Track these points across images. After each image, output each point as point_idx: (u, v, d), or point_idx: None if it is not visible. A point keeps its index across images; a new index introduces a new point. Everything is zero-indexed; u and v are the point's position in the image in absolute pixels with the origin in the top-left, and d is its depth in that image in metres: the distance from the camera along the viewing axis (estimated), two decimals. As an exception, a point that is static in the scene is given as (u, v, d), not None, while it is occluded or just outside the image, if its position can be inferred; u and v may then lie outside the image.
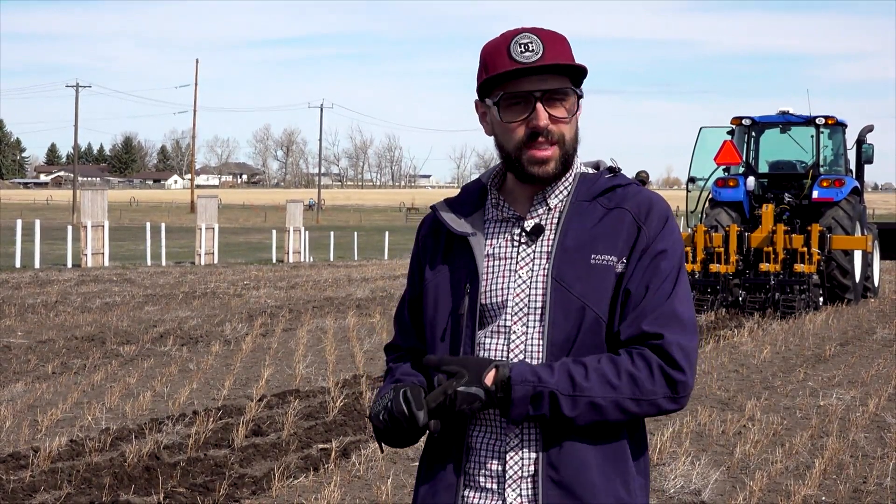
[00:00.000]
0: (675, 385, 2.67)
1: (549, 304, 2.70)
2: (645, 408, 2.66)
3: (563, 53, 2.73)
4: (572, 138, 2.77)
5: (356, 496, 7.40)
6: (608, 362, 2.66)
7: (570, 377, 2.63)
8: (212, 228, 39.86)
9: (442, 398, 2.63)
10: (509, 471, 2.73)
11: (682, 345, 2.68)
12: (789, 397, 11.51)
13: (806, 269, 20.39)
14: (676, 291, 2.71)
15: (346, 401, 10.47)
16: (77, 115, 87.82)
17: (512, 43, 2.72)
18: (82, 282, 25.94)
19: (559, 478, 2.68)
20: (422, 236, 2.93)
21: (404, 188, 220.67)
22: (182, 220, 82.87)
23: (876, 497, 7.66)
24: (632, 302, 2.70)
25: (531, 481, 2.71)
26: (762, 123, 22.89)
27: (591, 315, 2.69)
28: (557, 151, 2.74)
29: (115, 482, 7.55)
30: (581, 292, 2.70)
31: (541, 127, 2.71)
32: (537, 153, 2.73)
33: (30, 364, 12.84)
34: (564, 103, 2.74)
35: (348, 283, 27.34)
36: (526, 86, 2.72)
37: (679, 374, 2.67)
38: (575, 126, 2.78)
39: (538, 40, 2.72)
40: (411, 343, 2.94)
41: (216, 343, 14.71)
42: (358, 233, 55.36)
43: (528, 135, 2.73)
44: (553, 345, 2.70)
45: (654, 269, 2.72)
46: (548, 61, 2.70)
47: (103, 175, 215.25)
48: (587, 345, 2.70)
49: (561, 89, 2.73)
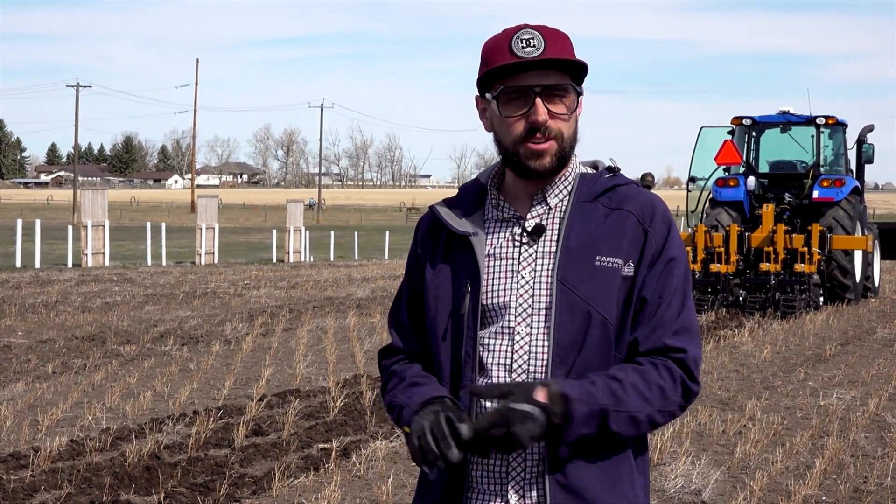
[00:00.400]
0: (690, 395, 2.73)
1: (555, 307, 2.69)
2: (666, 418, 2.72)
3: (564, 50, 2.73)
4: (570, 136, 2.76)
5: (356, 496, 7.40)
6: (638, 376, 2.66)
7: (612, 392, 2.63)
8: (212, 228, 39.87)
9: (495, 417, 2.53)
10: (512, 472, 2.72)
11: (698, 359, 2.74)
12: (790, 397, 11.51)
13: (806, 269, 20.38)
14: (686, 303, 2.76)
15: (346, 401, 10.48)
16: (77, 114, 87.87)
17: (514, 38, 2.72)
18: (83, 281, 25.95)
19: (566, 481, 2.68)
20: (420, 236, 2.90)
21: (405, 188, 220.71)
22: (182, 220, 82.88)
23: (876, 497, 7.66)
24: (647, 311, 2.72)
25: (535, 482, 2.71)
26: (762, 123, 22.88)
27: (597, 317, 2.69)
28: (554, 146, 2.73)
29: (115, 482, 7.55)
30: (587, 294, 2.69)
31: (539, 122, 2.71)
32: (534, 146, 2.73)
33: (30, 364, 12.85)
34: (564, 100, 2.74)
35: (349, 283, 27.34)
36: (525, 81, 2.72)
37: (696, 386, 2.73)
38: (574, 124, 2.77)
39: (540, 36, 2.72)
40: (412, 345, 2.90)
41: (216, 343, 14.72)
42: (358, 233, 55.37)
43: (526, 130, 2.73)
44: (559, 347, 2.69)
45: (667, 277, 2.73)
46: (548, 56, 2.70)
47: (104, 175, 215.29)
48: (594, 346, 2.69)
49: (560, 85, 2.72)
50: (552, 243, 2.75)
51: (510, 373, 2.73)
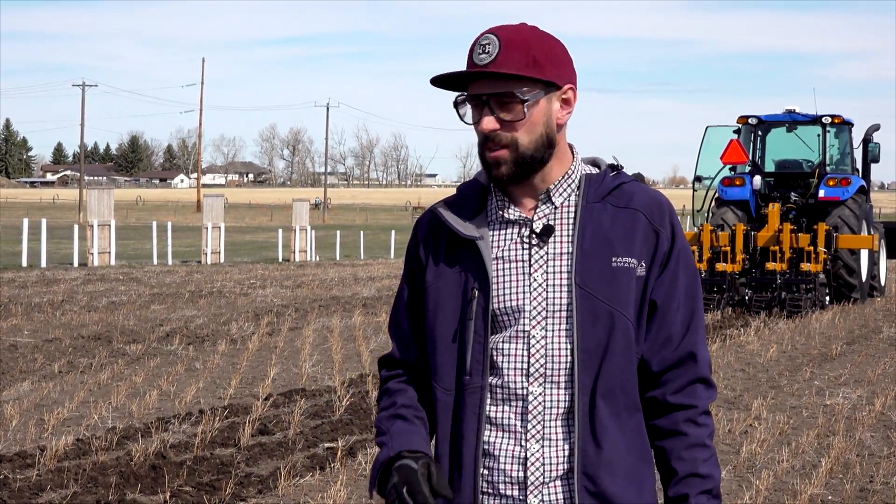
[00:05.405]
0: (712, 400, 2.83)
1: (576, 311, 2.67)
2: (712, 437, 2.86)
3: (512, 59, 2.66)
4: (530, 142, 2.70)
5: (362, 495, 7.41)
6: (700, 447, 2.76)
7: (713, 477, 2.76)
8: (218, 227, 39.88)
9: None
10: (531, 476, 2.70)
11: (708, 360, 2.81)
12: (796, 396, 11.50)
13: (812, 268, 20.36)
14: (695, 305, 2.79)
15: (352, 400, 10.48)
16: (83, 114, 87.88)
17: (476, 43, 2.71)
18: (88, 281, 25.97)
19: (595, 489, 2.67)
20: (421, 238, 2.84)
21: (410, 187, 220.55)
22: (188, 219, 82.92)
23: (882, 496, 7.65)
24: (657, 316, 2.74)
25: (555, 486, 2.69)
26: (768, 122, 22.85)
27: (620, 319, 2.68)
28: (507, 155, 2.70)
29: (121, 481, 7.56)
30: (607, 297, 2.68)
31: (482, 131, 2.70)
32: (489, 154, 2.72)
33: (36, 363, 12.86)
34: (514, 108, 2.69)
35: (354, 282, 27.34)
36: (476, 88, 2.71)
37: (713, 392, 2.82)
38: (538, 128, 2.70)
39: (496, 42, 2.67)
40: (411, 354, 2.84)
41: (222, 342, 14.72)
42: (364, 232, 55.38)
43: (481, 138, 2.72)
44: (585, 351, 2.68)
45: (674, 278, 2.75)
46: (493, 67, 2.66)
47: (109, 174, 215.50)
48: (619, 348, 2.69)
49: (507, 93, 2.68)
50: (563, 244, 2.73)
51: (527, 376, 2.70)
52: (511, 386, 2.71)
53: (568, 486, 2.69)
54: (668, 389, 2.75)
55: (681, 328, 2.74)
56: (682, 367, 2.75)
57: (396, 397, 2.83)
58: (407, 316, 2.85)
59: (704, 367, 2.77)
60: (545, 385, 2.70)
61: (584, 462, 2.67)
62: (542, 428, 2.70)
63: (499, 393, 2.72)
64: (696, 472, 2.73)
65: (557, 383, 2.69)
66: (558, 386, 2.69)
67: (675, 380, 2.75)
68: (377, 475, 2.72)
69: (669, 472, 2.75)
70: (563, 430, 2.69)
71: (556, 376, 2.69)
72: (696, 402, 2.75)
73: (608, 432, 2.68)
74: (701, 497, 2.72)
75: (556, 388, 2.69)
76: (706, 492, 2.73)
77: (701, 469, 2.73)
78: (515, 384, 2.71)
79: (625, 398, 2.71)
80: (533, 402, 2.70)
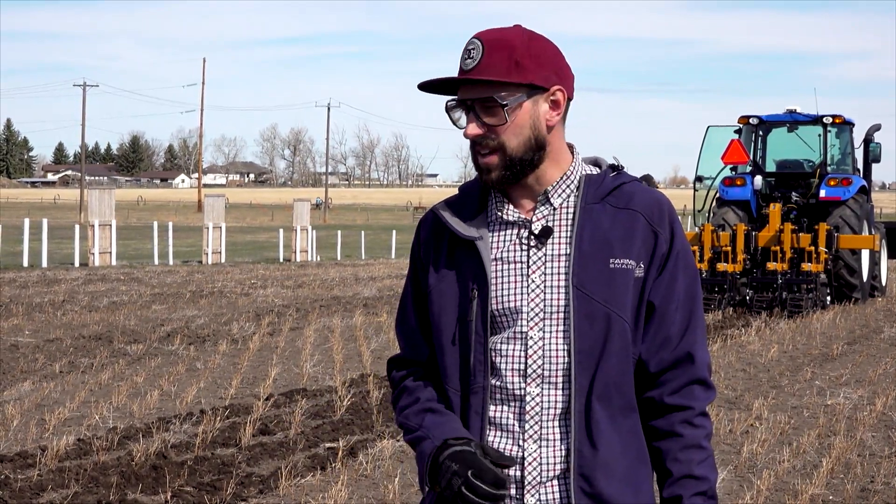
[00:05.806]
0: (710, 402, 2.83)
1: (573, 312, 2.67)
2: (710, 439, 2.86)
3: (493, 64, 2.67)
4: (518, 145, 2.70)
5: (363, 495, 7.41)
6: (696, 448, 2.76)
7: (708, 479, 2.76)
8: (219, 227, 39.89)
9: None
10: (528, 476, 2.71)
11: (707, 361, 2.81)
12: (797, 396, 11.50)
13: (813, 268, 20.37)
14: (693, 306, 2.78)
15: (353, 400, 10.48)
16: (84, 114, 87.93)
17: (464, 48, 2.72)
18: (89, 281, 25.98)
19: (591, 489, 2.68)
20: (424, 238, 2.85)
21: (411, 187, 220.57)
22: (189, 219, 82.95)
23: (883, 496, 7.65)
24: (655, 318, 2.73)
25: (552, 486, 2.70)
26: (769, 122, 22.85)
27: (617, 321, 2.68)
28: (496, 160, 2.70)
29: (122, 481, 7.56)
30: (604, 298, 2.68)
31: (467, 136, 2.71)
32: (479, 159, 2.73)
33: (37, 363, 12.86)
34: (496, 112, 2.69)
35: (355, 282, 27.34)
36: (462, 93, 2.72)
37: (713, 393, 2.82)
38: (524, 131, 2.70)
39: (480, 47, 2.68)
40: (421, 353, 2.84)
41: (223, 342, 14.73)
42: (365, 232, 55.39)
43: (470, 143, 2.73)
44: (581, 353, 2.68)
45: (673, 280, 2.74)
46: (475, 72, 2.67)
47: (110, 174, 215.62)
48: (615, 349, 2.69)
49: (488, 98, 2.69)
50: (561, 245, 2.73)
51: (524, 377, 2.71)
52: (509, 387, 2.72)
53: (565, 487, 2.69)
54: (666, 390, 2.75)
55: (679, 329, 2.74)
56: (680, 367, 2.75)
57: (418, 393, 2.82)
58: (415, 314, 2.85)
59: (702, 368, 2.76)
60: (542, 386, 2.70)
61: (580, 463, 2.68)
62: (540, 428, 2.70)
63: (498, 394, 2.73)
64: (692, 473, 2.73)
65: (554, 384, 2.70)
66: (555, 387, 2.70)
67: (673, 381, 2.75)
68: (427, 468, 2.68)
69: (665, 473, 2.75)
70: (560, 431, 2.70)
71: (553, 377, 2.70)
72: (692, 403, 2.75)
73: (604, 433, 2.68)
74: (696, 498, 2.72)
75: (553, 388, 2.70)
76: (701, 493, 2.73)
77: (696, 470, 2.73)
78: (513, 385, 2.71)
79: (621, 399, 2.71)
80: (530, 403, 2.71)
